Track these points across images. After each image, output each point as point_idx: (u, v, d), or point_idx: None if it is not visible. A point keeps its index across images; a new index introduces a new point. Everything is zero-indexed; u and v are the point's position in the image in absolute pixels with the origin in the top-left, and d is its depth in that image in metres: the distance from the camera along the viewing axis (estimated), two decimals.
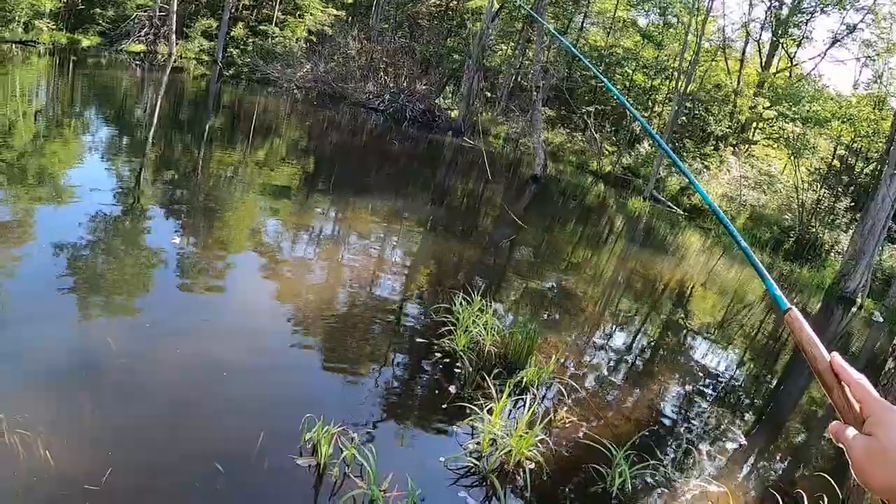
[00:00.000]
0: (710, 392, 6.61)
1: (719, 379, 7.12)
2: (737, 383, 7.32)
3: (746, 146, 25.43)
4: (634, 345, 7.46)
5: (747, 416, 6.36)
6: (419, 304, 6.84)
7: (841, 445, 0.80)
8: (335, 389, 4.82)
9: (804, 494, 4.18)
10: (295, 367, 5.03)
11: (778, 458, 5.74)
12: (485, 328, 5.58)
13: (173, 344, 4.78)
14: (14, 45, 18.83)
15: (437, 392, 4.99)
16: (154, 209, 7.97)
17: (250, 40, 27.01)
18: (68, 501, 3.10)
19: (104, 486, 3.19)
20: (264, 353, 5.08)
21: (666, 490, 4.36)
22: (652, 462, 4.41)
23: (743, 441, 5.50)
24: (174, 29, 24.70)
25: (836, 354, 0.84)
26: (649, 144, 24.35)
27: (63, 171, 8.90)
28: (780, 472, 5.46)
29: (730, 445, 5.44)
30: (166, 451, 3.67)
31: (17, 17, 20.01)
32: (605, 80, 1.36)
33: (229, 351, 4.88)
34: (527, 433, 4.10)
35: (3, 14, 19.51)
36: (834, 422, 0.81)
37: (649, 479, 4.37)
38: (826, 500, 4.21)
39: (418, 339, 5.78)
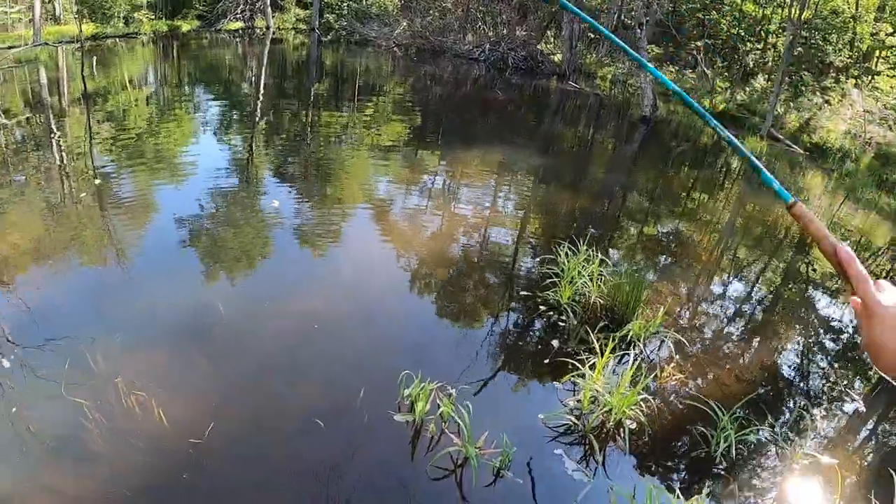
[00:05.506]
0: (831, 350, 5.97)
1: (841, 337, 6.33)
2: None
3: (870, 77, 22.99)
4: (750, 297, 6.91)
5: (871, 379, 5.71)
6: (523, 255, 6.71)
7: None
8: (434, 344, 4.84)
9: None
10: (396, 322, 5.12)
11: None
12: (590, 279, 5.39)
13: (279, 300, 4.99)
14: (118, 40, 19.76)
15: (538, 347, 4.90)
16: (267, 173, 8.37)
17: (345, 4, 27.15)
18: (174, 454, 3.32)
19: (206, 439, 3.40)
20: (368, 308, 5.17)
21: (773, 459, 4.00)
22: (760, 427, 4.08)
23: (861, 408, 4.88)
24: (269, 2, 25.17)
25: (841, 247, 0.90)
26: (765, 78, 22.57)
27: (179, 146, 9.41)
28: None
29: (847, 411, 4.84)
30: (267, 406, 3.83)
31: (116, 13, 20.87)
32: None
33: (335, 306, 5.03)
34: (630, 391, 3.94)
35: (103, 11, 20.42)
36: (854, 297, 0.89)
37: (756, 446, 4.03)
38: None
39: (522, 292, 5.68)
